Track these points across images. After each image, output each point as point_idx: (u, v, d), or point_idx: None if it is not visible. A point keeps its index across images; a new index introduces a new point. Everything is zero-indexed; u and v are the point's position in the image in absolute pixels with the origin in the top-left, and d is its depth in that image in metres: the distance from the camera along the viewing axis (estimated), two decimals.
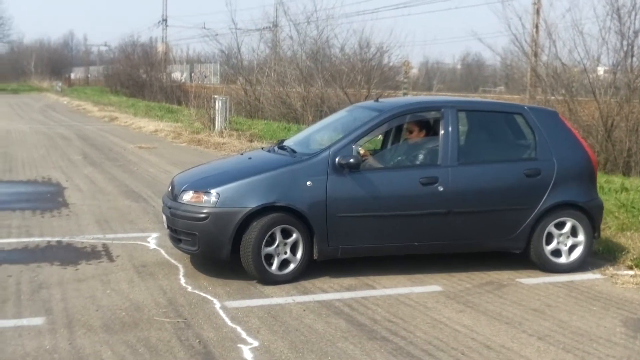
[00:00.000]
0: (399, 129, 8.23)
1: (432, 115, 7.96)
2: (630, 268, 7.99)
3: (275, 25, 39.82)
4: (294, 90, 31.02)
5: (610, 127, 19.63)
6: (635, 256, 8.24)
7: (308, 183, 7.14)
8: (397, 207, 7.31)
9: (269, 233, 7.02)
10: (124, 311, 6.21)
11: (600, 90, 20.41)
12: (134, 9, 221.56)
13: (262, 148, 8.90)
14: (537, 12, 27.66)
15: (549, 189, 7.64)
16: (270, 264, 7.09)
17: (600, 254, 8.41)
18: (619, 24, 19.80)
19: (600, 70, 22.05)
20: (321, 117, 26.65)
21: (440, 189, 7.37)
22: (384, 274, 7.51)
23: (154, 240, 8.84)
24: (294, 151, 7.79)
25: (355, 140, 7.40)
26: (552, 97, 21.29)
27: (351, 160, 7.15)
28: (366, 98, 27.06)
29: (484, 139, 8.11)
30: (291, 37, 33.82)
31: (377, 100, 8.43)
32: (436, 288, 7.13)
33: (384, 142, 8.74)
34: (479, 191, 7.51)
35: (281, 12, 37.08)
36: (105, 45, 77.98)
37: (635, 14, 19.66)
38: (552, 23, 21.80)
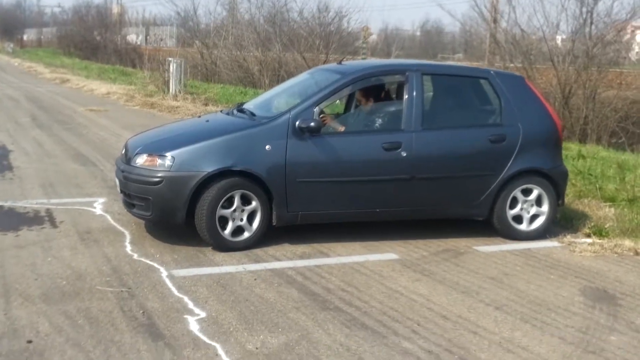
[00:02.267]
0: (362, 92, 7.92)
1: (396, 78, 7.71)
2: (588, 236, 7.88)
3: None
4: (251, 54, 30.51)
5: (568, 95, 19.63)
6: (592, 224, 8.14)
7: (267, 147, 6.86)
8: (358, 172, 7.08)
9: (227, 196, 6.76)
10: (64, 280, 5.89)
11: (559, 58, 20.37)
12: None
13: (221, 111, 8.57)
14: None
15: (514, 155, 7.46)
16: (224, 228, 6.82)
17: (558, 221, 8.27)
18: None
19: (559, 39, 22.00)
20: (279, 82, 26.29)
21: (404, 154, 7.14)
22: (339, 242, 7.29)
23: (101, 205, 8.49)
24: (253, 114, 7.49)
25: (316, 103, 7.11)
26: (511, 65, 21.20)
27: (312, 124, 6.88)
28: (324, 63, 26.71)
29: (449, 103, 7.90)
30: (249, 0, 33.29)
31: (339, 63, 8.14)
32: (392, 256, 6.92)
33: (347, 107, 8.45)
34: (443, 157, 7.30)
35: None
36: (59, 6, 76.37)
37: None
38: None
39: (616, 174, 11.07)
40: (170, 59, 23.46)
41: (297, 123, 6.93)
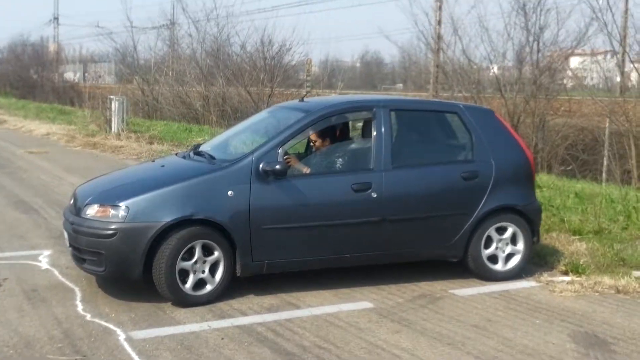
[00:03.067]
0: (326, 131, 7.52)
1: (363, 115, 7.30)
2: (565, 273, 7.56)
3: (173, 22, 38.72)
4: (193, 89, 29.99)
5: (517, 123, 19.61)
6: (567, 260, 7.83)
7: (229, 193, 6.38)
8: (327, 216, 6.64)
9: (187, 247, 6.25)
10: (11, 349, 5.30)
11: (506, 87, 20.39)
12: (24, 7, 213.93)
13: (176, 154, 8.03)
14: (440, 8, 27.63)
15: (487, 192, 7.12)
16: (185, 282, 6.31)
17: (531, 258, 7.94)
18: (524, 20, 19.81)
19: (504, 68, 22.02)
20: (224, 118, 25.83)
21: (374, 195, 6.73)
22: (307, 290, 6.82)
23: (46, 258, 7.88)
24: (212, 157, 6.98)
25: (281, 144, 6.67)
26: (459, 94, 21.15)
27: (277, 166, 6.43)
28: (269, 97, 26.41)
29: (419, 140, 7.54)
30: (190, 35, 32.85)
31: (301, 100, 7.72)
32: (366, 304, 6.48)
33: (308, 146, 7.98)
34: (415, 196, 6.92)
35: (179, 9, 35.99)
36: None
37: (541, 10, 19.71)
38: (457, 19, 21.58)
39: (576, 204, 10.86)
40: (112, 96, 22.81)
41: (261, 166, 6.47)
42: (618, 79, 25.40)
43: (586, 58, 24.30)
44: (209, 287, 6.41)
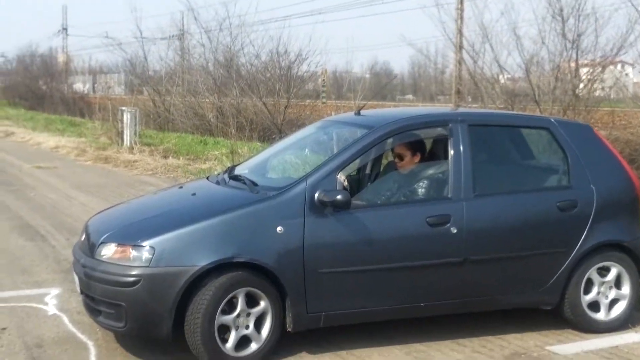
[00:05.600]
0: (395, 151, 6.27)
1: (437, 132, 6.09)
2: None
3: (183, 32, 37.62)
4: (206, 100, 28.90)
5: None
6: None
7: (278, 229, 5.16)
8: (398, 257, 5.42)
9: (228, 297, 5.04)
10: None
11: (542, 97, 19.11)
12: (32, 17, 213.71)
13: (207, 178, 6.71)
14: (461, 12, 26.52)
15: (588, 225, 5.89)
16: (225, 340, 5.10)
17: (637, 304, 6.67)
18: (561, 25, 18.54)
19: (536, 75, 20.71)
20: (240, 130, 24.66)
21: (454, 230, 5.51)
22: (372, 346, 5.58)
23: (54, 300, 6.67)
24: (254, 183, 5.70)
25: (340, 168, 5.43)
26: (491, 105, 19.85)
27: (338, 196, 5.19)
28: (286, 108, 25.31)
29: (504, 162, 6.35)
30: (202, 45, 31.71)
31: (358, 113, 6.46)
32: None
33: (364, 169, 6.70)
34: (503, 231, 5.69)
35: (191, 18, 34.84)
36: (3, 56, 73.71)
37: (579, 15, 18.44)
38: (488, 25, 20.27)
39: None
40: (123, 108, 21.71)
41: (317, 195, 5.25)
42: None
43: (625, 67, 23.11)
44: (254, 346, 5.18)
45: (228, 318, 5.08)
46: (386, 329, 5.86)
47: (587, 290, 5.98)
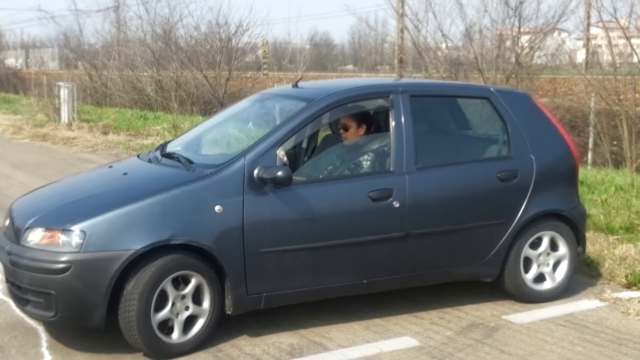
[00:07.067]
0: (335, 124, 6.09)
1: (378, 104, 5.86)
2: (628, 287, 6.29)
3: (119, 3, 36.77)
4: (145, 74, 28.24)
5: None
6: (626, 270, 6.55)
7: (217, 208, 4.91)
8: (340, 233, 5.23)
9: (164, 282, 4.76)
10: None
11: (483, 65, 19.15)
12: None
13: (138, 156, 6.32)
14: None
15: (528, 195, 5.81)
16: (170, 332, 4.86)
17: (580, 268, 6.64)
18: None
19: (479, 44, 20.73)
20: (182, 104, 24.20)
21: (396, 204, 5.34)
22: (331, 323, 5.44)
23: (0, 285, 6.33)
24: (189, 161, 5.39)
25: (279, 142, 5.19)
26: (436, 75, 19.81)
27: (279, 173, 4.95)
28: (227, 80, 24.91)
29: (446, 133, 6.22)
30: (140, 17, 31.03)
31: (295, 85, 6.18)
32: (409, 341, 5.12)
33: (302, 143, 6.30)
34: (445, 204, 5.56)
35: None
36: None
37: None
38: None
39: (585, 194, 9.53)
40: (60, 83, 21.02)
41: (257, 172, 5.00)
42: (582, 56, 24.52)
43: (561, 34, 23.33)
44: (201, 321, 4.96)
45: (165, 313, 4.81)
46: (345, 305, 5.72)
47: (527, 268, 5.92)
